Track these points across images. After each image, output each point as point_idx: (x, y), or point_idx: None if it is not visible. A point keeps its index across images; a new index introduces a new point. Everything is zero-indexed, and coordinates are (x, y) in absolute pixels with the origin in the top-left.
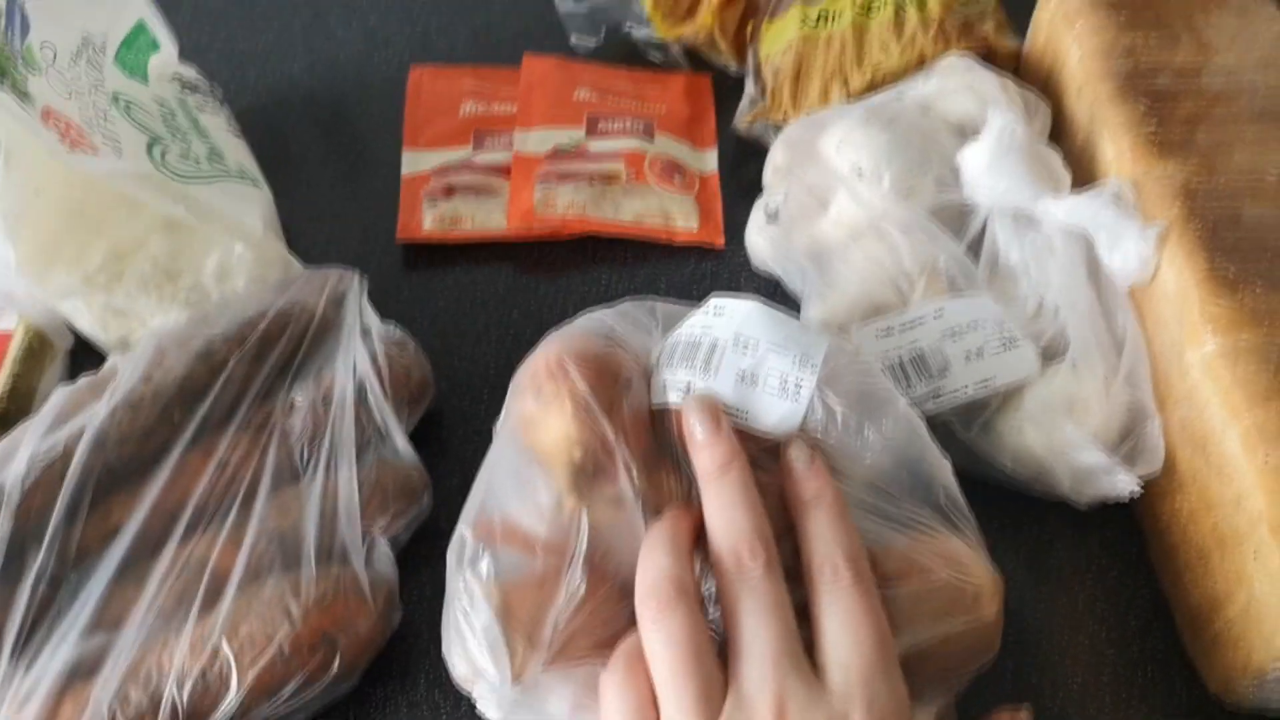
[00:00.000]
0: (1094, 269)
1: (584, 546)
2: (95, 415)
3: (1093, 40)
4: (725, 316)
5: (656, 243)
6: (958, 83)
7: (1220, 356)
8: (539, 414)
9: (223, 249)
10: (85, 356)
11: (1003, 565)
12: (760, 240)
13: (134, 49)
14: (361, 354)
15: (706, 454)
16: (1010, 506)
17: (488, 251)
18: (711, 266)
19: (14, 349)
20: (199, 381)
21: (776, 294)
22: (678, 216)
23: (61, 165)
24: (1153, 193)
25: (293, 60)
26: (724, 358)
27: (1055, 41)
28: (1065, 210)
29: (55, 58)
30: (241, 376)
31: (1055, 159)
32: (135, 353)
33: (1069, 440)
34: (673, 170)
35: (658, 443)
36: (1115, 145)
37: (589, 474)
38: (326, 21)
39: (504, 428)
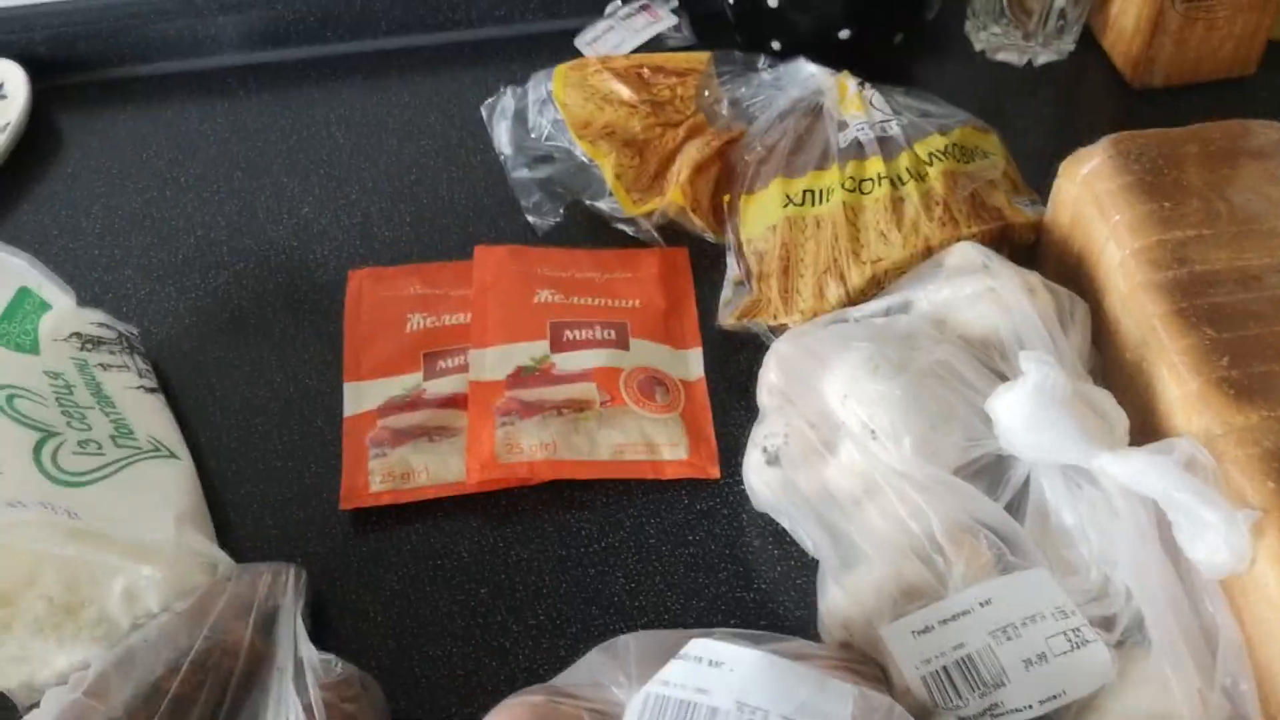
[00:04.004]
0: (1169, 538)
1: None
2: None
3: (1135, 241)
4: (724, 672)
5: (642, 479)
6: (975, 289)
7: None
8: None
9: (128, 573)
10: None
11: None
12: (760, 485)
13: (18, 319)
14: (295, 709)
15: None
16: None
17: (448, 505)
18: (707, 503)
19: None
20: None
21: (785, 535)
22: (663, 444)
23: None
24: (1235, 456)
25: (217, 270)
26: None
27: (1086, 226)
28: (1127, 474)
29: None
30: None
31: (1107, 400)
32: None
33: None
34: (652, 385)
35: None
36: (1180, 388)
37: None
38: (255, 215)
39: None
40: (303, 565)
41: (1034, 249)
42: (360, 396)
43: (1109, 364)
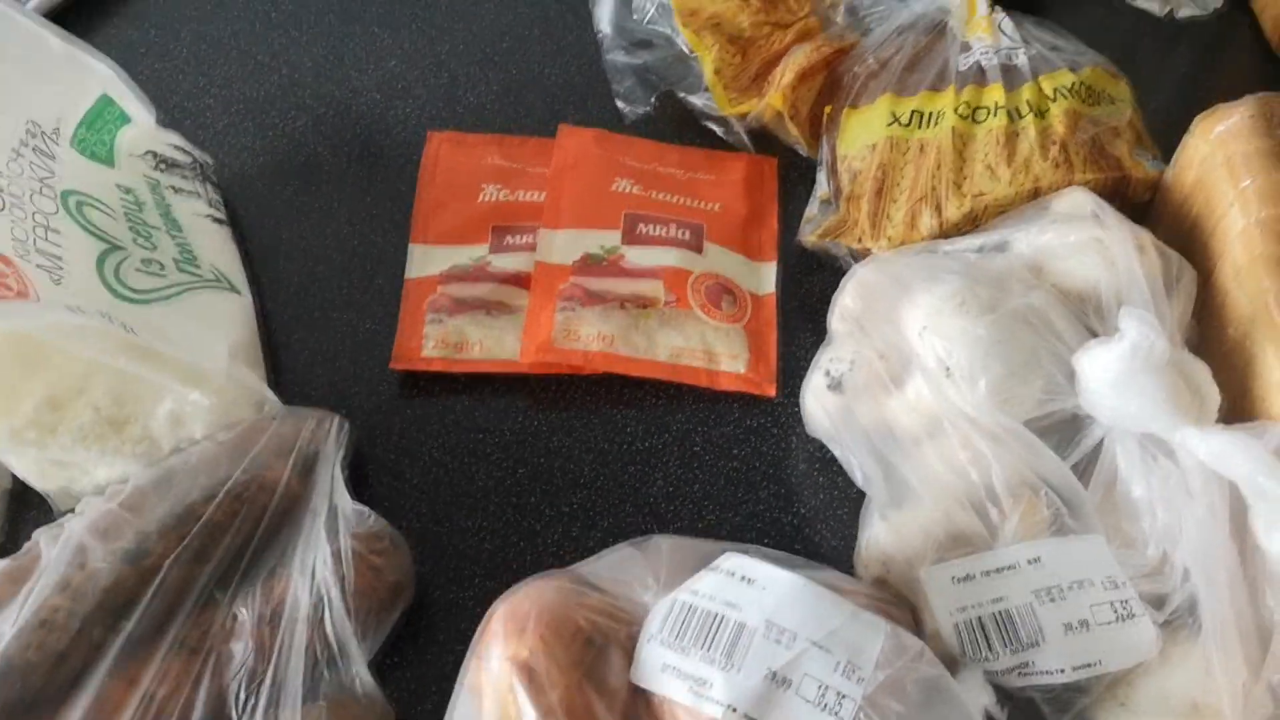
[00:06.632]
0: (1240, 524)
1: None
2: (0, 635)
3: (1264, 210)
4: (757, 590)
5: (695, 386)
6: (1081, 239)
7: None
8: (484, 681)
9: (176, 396)
10: (30, 495)
11: None
12: (818, 409)
13: (96, 127)
14: (324, 552)
15: None
16: None
17: (498, 382)
18: (758, 421)
19: None
20: (126, 590)
21: (833, 464)
22: (723, 354)
23: None
24: None
25: (297, 113)
26: (751, 648)
27: (1210, 189)
28: (1211, 451)
29: None
30: (177, 582)
31: (1202, 373)
32: (56, 548)
33: None
34: (720, 293)
35: None
36: None
37: None
38: (342, 61)
39: (463, 678)
40: (347, 418)
41: (1147, 208)
42: (425, 260)
43: (1206, 339)
